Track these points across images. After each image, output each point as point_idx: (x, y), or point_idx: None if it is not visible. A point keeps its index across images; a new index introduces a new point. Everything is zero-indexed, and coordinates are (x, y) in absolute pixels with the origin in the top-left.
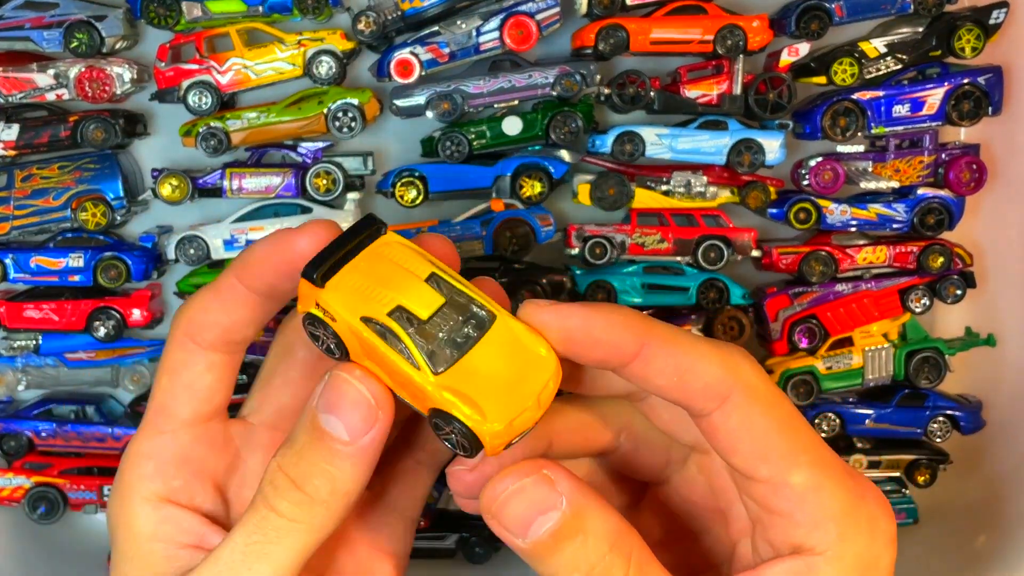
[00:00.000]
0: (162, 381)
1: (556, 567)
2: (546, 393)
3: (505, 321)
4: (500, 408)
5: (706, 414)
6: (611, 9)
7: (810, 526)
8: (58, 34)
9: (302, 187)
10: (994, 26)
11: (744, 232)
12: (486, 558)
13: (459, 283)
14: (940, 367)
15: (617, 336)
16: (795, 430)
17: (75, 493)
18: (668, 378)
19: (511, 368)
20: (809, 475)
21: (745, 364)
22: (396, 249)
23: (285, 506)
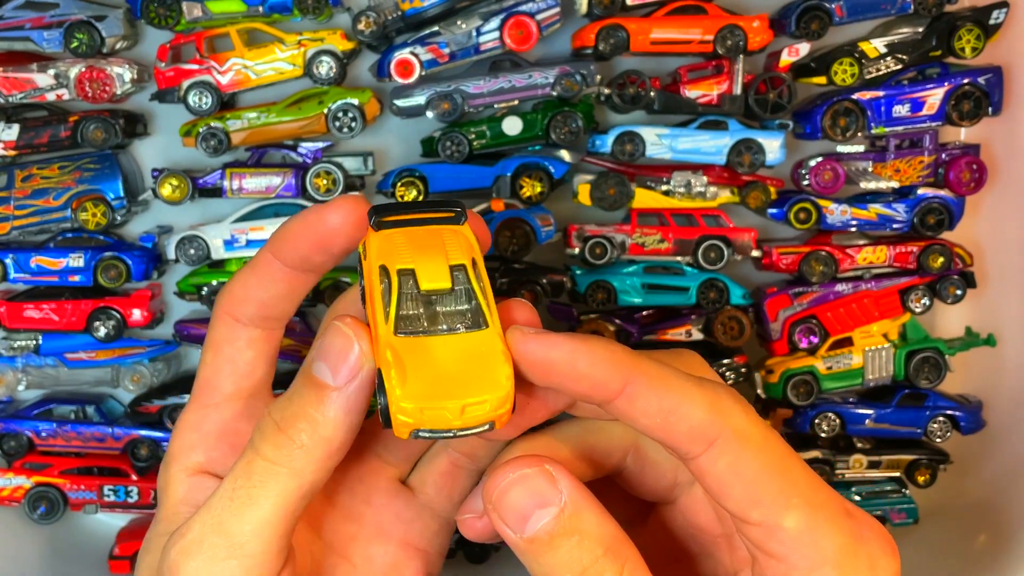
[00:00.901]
0: (206, 356)
1: (550, 565)
2: (478, 412)
3: (491, 336)
4: (422, 392)
5: (692, 457)
6: (611, 9)
7: (806, 570)
8: (58, 34)
9: (302, 187)
10: (994, 26)
11: (744, 232)
12: (486, 558)
13: (478, 285)
14: (940, 367)
15: (600, 372)
16: (787, 472)
17: (75, 493)
18: (652, 419)
19: (464, 372)
20: (803, 518)
21: (733, 406)
22: (452, 233)
23: (267, 448)
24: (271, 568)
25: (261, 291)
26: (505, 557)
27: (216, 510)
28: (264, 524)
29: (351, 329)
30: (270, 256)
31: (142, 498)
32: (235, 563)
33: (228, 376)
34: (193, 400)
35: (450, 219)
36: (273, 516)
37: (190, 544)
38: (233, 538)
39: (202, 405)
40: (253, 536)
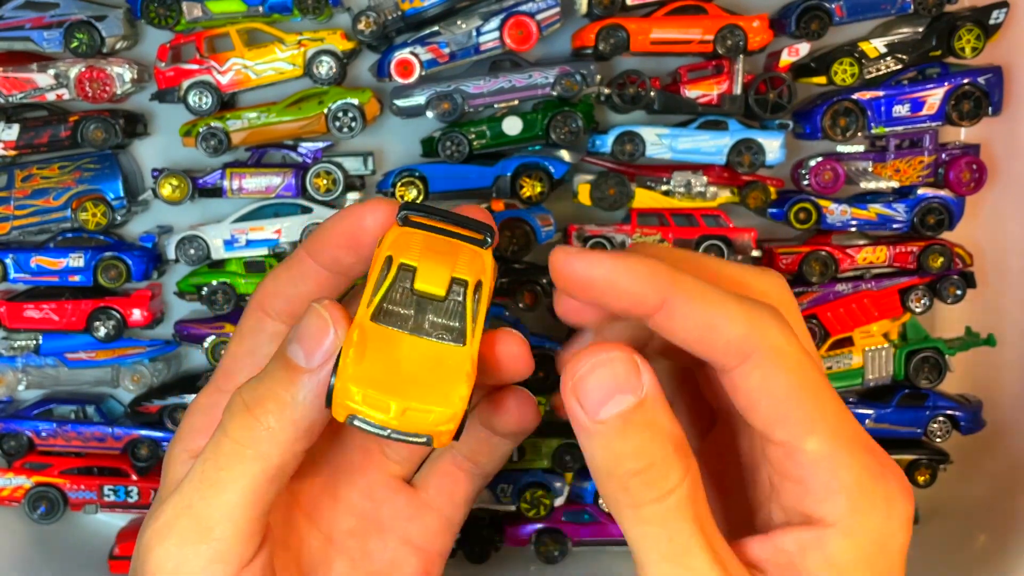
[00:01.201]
0: (231, 345)
1: (616, 452)
2: (418, 419)
3: (464, 354)
4: (372, 379)
5: (728, 370)
6: (611, 9)
7: (822, 496)
8: (58, 34)
9: (302, 187)
10: (994, 26)
11: (744, 232)
12: (486, 558)
13: (472, 306)
14: (940, 367)
15: (640, 288)
16: (816, 396)
17: (75, 493)
18: (690, 332)
19: (421, 377)
20: (825, 443)
21: (772, 324)
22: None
23: (235, 429)
24: (241, 552)
25: (291, 287)
26: (505, 557)
27: (186, 493)
28: (232, 508)
29: (328, 312)
30: (304, 254)
31: (142, 498)
32: (204, 547)
33: (247, 366)
34: (209, 384)
35: (475, 240)
36: (241, 500)
37: (162, 527)
38: (202, 522)
39: (216, 390)
40: (222, 520)
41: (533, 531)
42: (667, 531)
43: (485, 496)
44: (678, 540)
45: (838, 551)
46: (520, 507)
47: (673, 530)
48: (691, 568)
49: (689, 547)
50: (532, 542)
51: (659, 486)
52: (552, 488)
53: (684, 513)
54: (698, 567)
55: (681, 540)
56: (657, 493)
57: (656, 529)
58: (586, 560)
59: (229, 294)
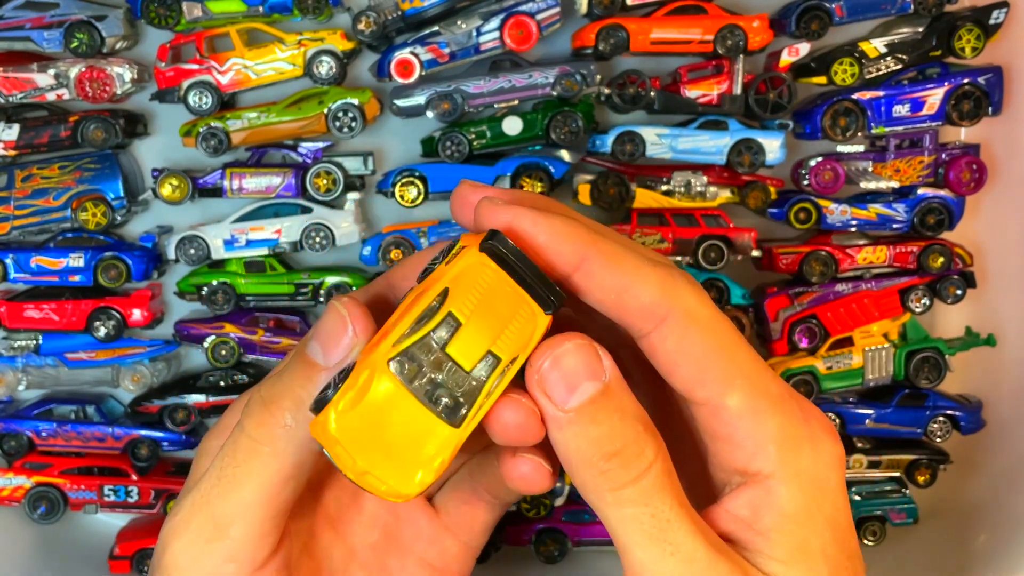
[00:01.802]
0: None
1: (590, 438)
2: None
3: (450, 439)
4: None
5: (644, 335)
6: (611, 9)
7: (751, 449)
8: (58, 34)
9: (302, 187)
10: (994, 26)
11: (744, 232)
12: (486, 558)
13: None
14: (940, 367)
15: (559, 245)
16: (732, 354)
17: (75, 493)
18: (607, 294)
19: (396, 446)
20: (745, 398)
21: (685, 287)
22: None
23: (251, 426)
24: (256, 553)
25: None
26: (506, 557)
27: (204, 489)
28: (248, 507)
29: (347, 310)
30: None
31: (142, 498)
32: (219, 545)
33: None
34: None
35: (541, 303)
36: (257, 499)
37: (179, 523)
38: (218, 520)
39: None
40: (237, 518)
41: (533, 531)
42: (649, 508)
43: None
44: (660, 515)
45: (782, 500)
46: (520, 507)
47: (655, 507)
48: (675, 543)
49: (671, 521)
50: (532, 542)
51: (636, 465)
52: (552, 488)
53: (663, 489)
54: (682, 540)
55: (663, 515)
56: (635, 472)
57: (638, 509)
58: (586, 560)
59: (229, 294)
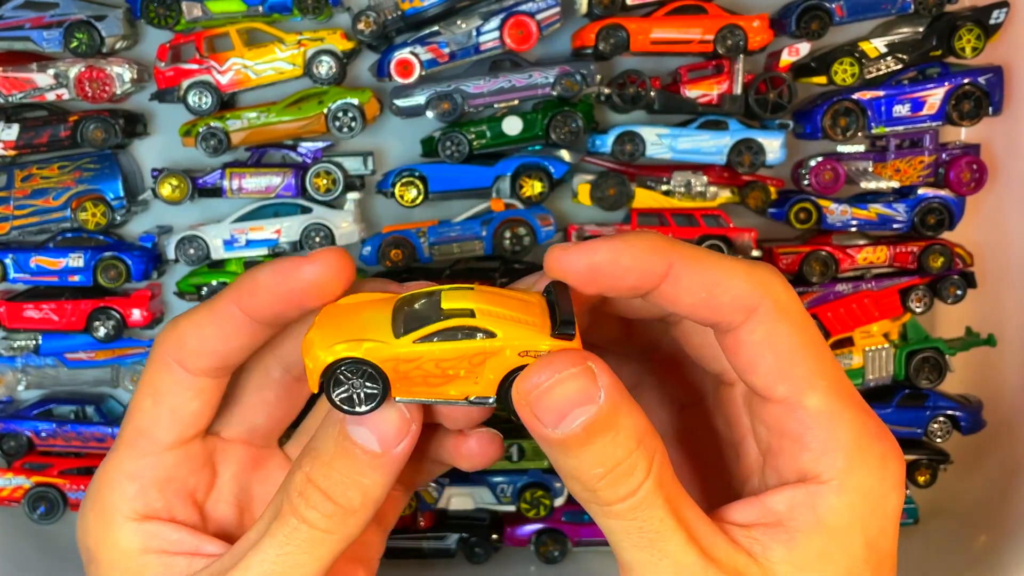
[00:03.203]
0: (144, 404)
1: (582, 460)
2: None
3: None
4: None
5: (732, 328)
6: (611, 9)
7: (819, 452)
8: (58, 34)
9: (302, 187)
10: (994, 26)
11: (744, 232)
12: (486, 558)
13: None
14: (940, 367)
15: (645, 261)
16: (819, 353)
17: (75, 493)
18: (697, 295)
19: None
20: (826, 400)
21: (775, 280)
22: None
23: (317, 517)
24: None
25: (220, 343)
26: (506, 557)
27: (256, 572)
28: None
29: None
30: (234, 308)
31: None
32: None
33: (169, 427)
34: (126, 447)
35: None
36: (318, 573)
37: None
38: None
39: (139, 454)
40: None
41: (533, 531)
42: (637, 522)
43: (485, 496)
44: (649, 527)
45: (830, 509)
46: (520, 507)
47: (643, 519)
48: (666, 552)
49: (661, 532)
50: (532, 542)
51: (626, 485)
52: (552, 488)
53: (653, 502)
54: (673, 549)
55: (652, 526)
56: (624, 492)
57: (626, 522)
58: (586, 560)
59: None
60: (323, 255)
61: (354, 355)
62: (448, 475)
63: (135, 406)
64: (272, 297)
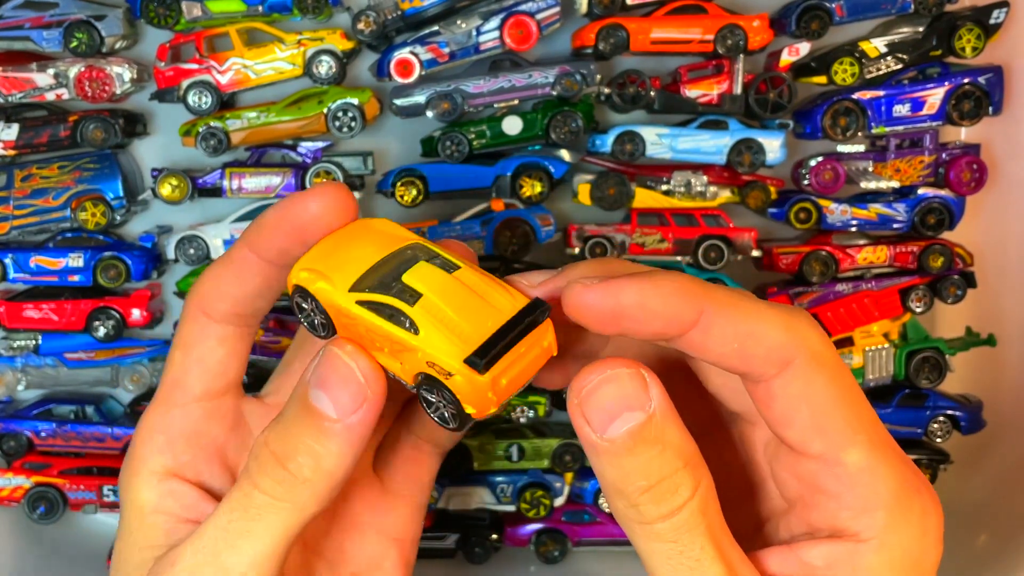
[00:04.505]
0: (175, 355)
1: (626, 470)
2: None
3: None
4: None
5: (765, 380)
6: (611, 9)
7: (858, 510)
8: (58, 34)
9: (302, 187)
10: (994, 26)
11: (744, 232)
12: (486, 558)
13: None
14: (941, 367)
15: (674, 307)
16: (856, 406)
17: (75, 493)
18: (728, 345)
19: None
20: (866, 456)
21: (810, 329)
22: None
23: (267, 483)
24: None
25: (235, 287)
26: (505, 557)
27: (210, 540)
28: (262, 557)
29: (351, 357)
30: (246, 250)
31: None
32: None
33: (198, 376)
34: (158, 401)
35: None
36: (271, 549)
37: (180, 574)
38: (228, 571)
39: (169, 406)
40: (249, 568)
41: (533, 531)
42: (678, 546)
43: (485, 496)
44: (689, 554)
45: (870, 569)
46: (520, 507)
47: (684, 544)
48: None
49: (701, 561)
50: (532, 542)
51: (669, 502)
52: (552, 488)
53: (695, 527)
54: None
55: (692, 554)
56: (667, 509)
57: (666, 545)
58: (586, 560)
59: None
60: (324, 189)
61: (305, 287)
62: (448, 475)
63: (168, 360)
64: (276, 233)
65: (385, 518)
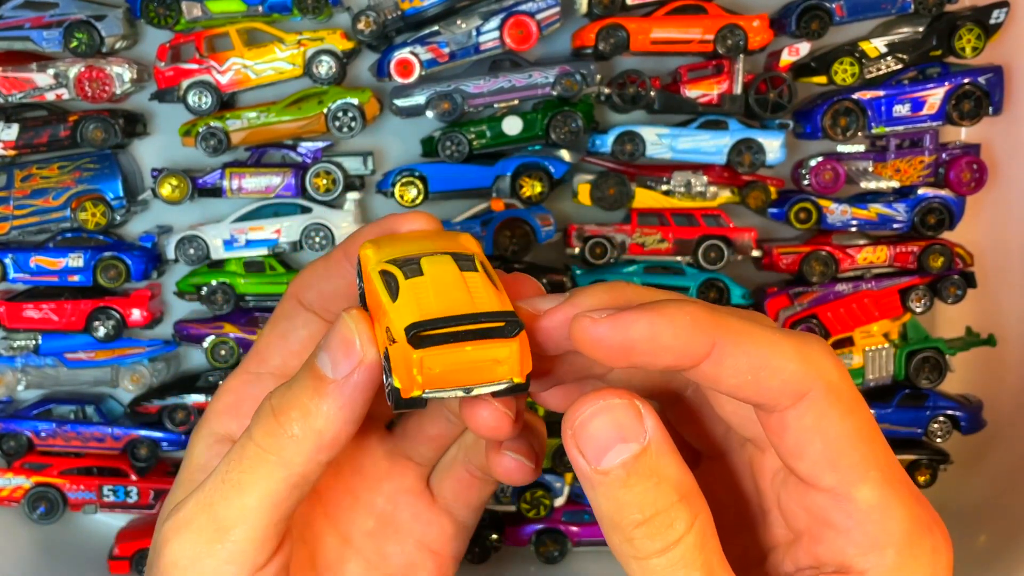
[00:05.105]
0: (265, 329)
1: (620, 503)
2: None
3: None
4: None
5: (779, 411)
6: (611, 9)
7: (867, 548)
8: (58, 34)
9: (302, 187)
10: (994, 26)
11: (744, 232)
12: (486, 558)
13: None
14: (941, 367)
15: (686, 339)
16: (871, 440)
17: (75, 493)
18: (741, 376)
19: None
20: (878, 492)
21: (827, 359)
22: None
23: (260, 434)
24: (256, 556)
25: (325, 282)
26: (505, 557)
27: (208, 491)
28: (251, 511)
29: (354, 321)
30: (341, 253)
31: (141, 498)
32: (220, 547)
33: (278, 350)
34: (241, 366)
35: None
36: (260, 504)
37: (180, 521)
38: (220, 522)
39: (247, 371)
40: (239, 522)
41: (533, 531)
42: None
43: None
44: None
45: None
46: (520, 507)
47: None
48: None
49: None
50: (532, 542)
51: (664, 537)
52: (552, 488)
53: (692, 563)
54: None
55: None
56: (662, 544)
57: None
58: (586, 560)
59: (229, 294)
60: (417, 218)
61: (358, 253)
62: None
63: (258, 333)
64: None
65: (428, 529)
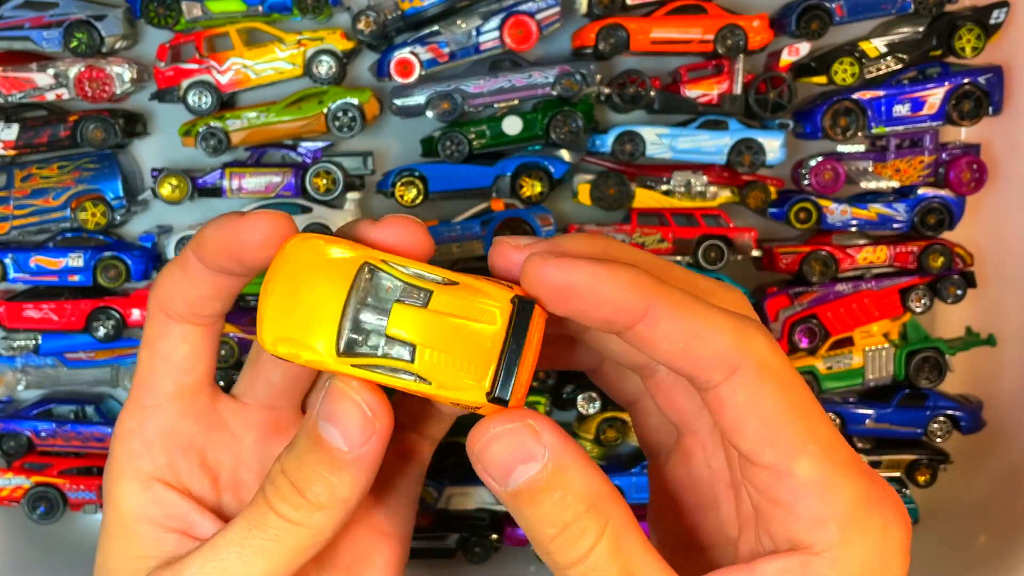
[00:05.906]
0: (141, 355)
1: (532, 519)
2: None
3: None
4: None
5: (712, 386)
6: (611, 9)
7: (811, 522)
8: (58, 34)
9: (302, 187)
10: (995, 26)
11: (744, 232)
12: (486, 558)
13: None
14: (941, 367)
15: (624, 295)
16: (807, 416)
17: (75, 493)
18: (674, 344)
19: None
20: (816, 466)
21: (759, 337)
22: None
23: (286, 508)
24: None
25: (187, 289)
26: (505, 557)
27: (222, 554)
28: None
29: (356, 392)
30: (191, 255)
31: None
32: None
33: (165, 373)
34: (131, 403)
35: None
36: (285, 568)
37: None
38: None
39: (141, 407)
40: None
41: None
42: None
43: (485, 496)
44: None
45: None
46: None
47: None
48: None
49: None
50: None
51: (576, 548)
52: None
53: (607, 570)
54: None
55: None
56: (575, 556)
57: None
58: None
59: None
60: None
61: (291, 361)
62: (448, 475)
63: (137, 362)
64: (215, 250)
65: (376, 514)
